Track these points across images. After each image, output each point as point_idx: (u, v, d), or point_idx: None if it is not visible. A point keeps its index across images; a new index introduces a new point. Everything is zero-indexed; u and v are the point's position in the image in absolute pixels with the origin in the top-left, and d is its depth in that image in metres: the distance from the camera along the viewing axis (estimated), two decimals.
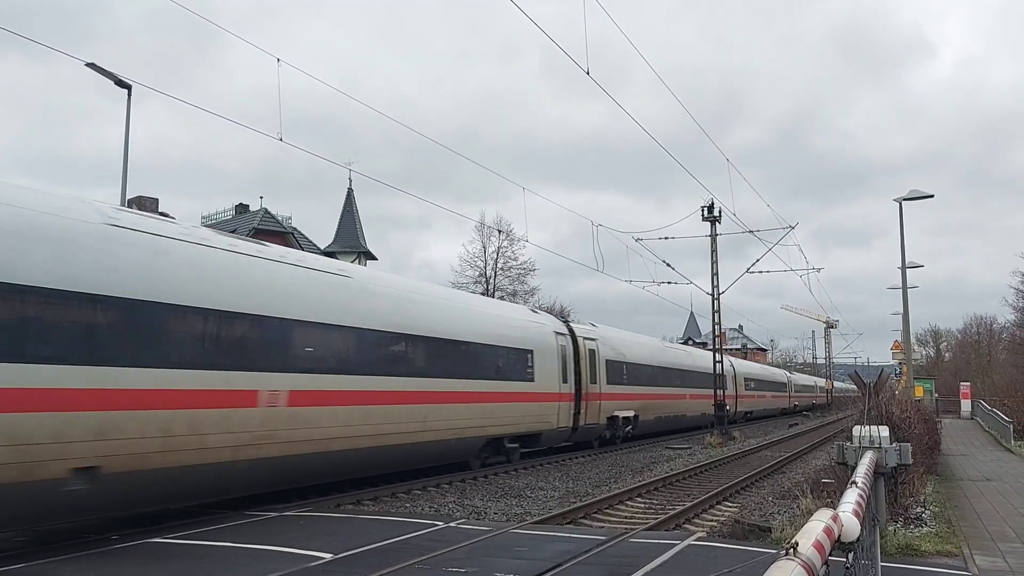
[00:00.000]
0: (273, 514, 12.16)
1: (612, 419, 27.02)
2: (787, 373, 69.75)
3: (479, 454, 19.30)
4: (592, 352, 25.96)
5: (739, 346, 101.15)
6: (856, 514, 4.49)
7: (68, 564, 8.73)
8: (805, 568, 2.89)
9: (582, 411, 24.56)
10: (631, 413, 28.70)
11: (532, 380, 21.15)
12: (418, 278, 20.04)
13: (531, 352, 21.39)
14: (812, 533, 3.45)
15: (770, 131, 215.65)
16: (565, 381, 23.42)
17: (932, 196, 26.19)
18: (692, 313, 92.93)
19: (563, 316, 27.49)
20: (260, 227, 37.82)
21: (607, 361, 27.04)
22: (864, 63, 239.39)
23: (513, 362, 20.46)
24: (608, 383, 26.66)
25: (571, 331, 25.23)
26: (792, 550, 3.01)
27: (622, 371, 28.53)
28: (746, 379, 48.27)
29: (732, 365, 44.22)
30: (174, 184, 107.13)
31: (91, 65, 17.86)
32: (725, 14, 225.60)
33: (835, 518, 4.03)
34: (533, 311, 25.63)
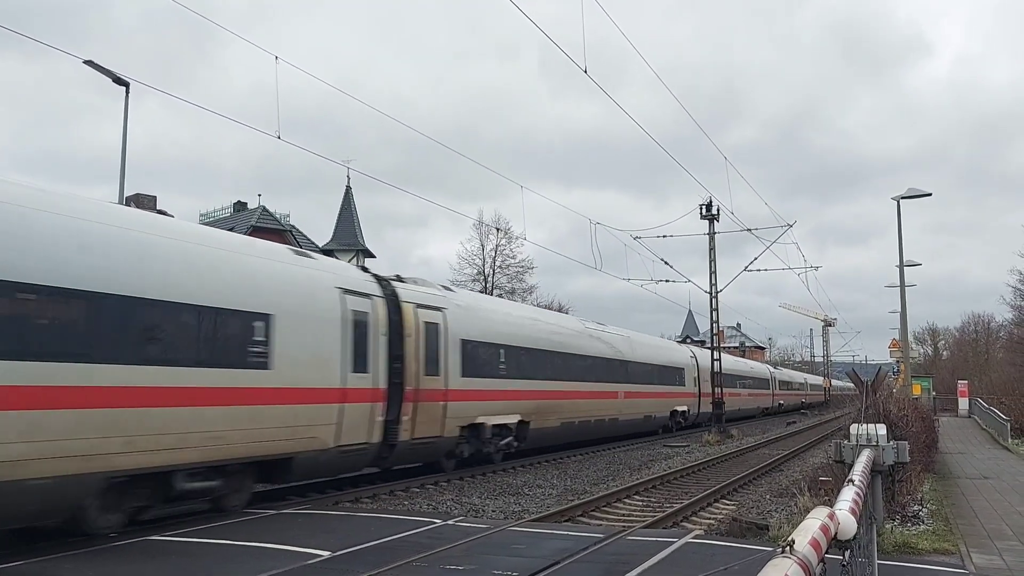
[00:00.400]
0: (271, 511, 12.17)
1: (474, 428, 19.02)
2: (770, 368, 63.75)
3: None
4: (433, 327, 17.57)
5: (737, 344, 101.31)
6: (853, 512, 4.52)
7: (66, 562, 8.74)
8: (801, 566, 2.91)
9: (406, 417, 16.24)
10: (513, 419, 20.67)
11: (266, 367, 12.42)
12: (417, 275, 18.63)
13: (269, 318, 12.53)
14: (808, 531, 3.46)
15: (768, 130, 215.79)
16: (362, 370, 14.79)
17: (930, 195, 26.24)
18: (690, 311, 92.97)
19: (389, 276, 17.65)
20: (258, 225, 37.77)
21: (463, 341, 18.77)
22: (862, 62, 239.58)
23: (228, 335, 11.95)
24: (464, 374, 18.60)
25: (391, 293, 16.52)
26: (788, 548, 3.03)
27: (495, 357, 20.48)
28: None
29: (694, 357, 39.02)
30: (172, 182, 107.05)
31: (89, 63, 17.84)
32: (723, 13, 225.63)
33: (832, 516, 4.05)
34: (295, 251, 15.33)
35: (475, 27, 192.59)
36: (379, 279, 16.42)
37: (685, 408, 36.59)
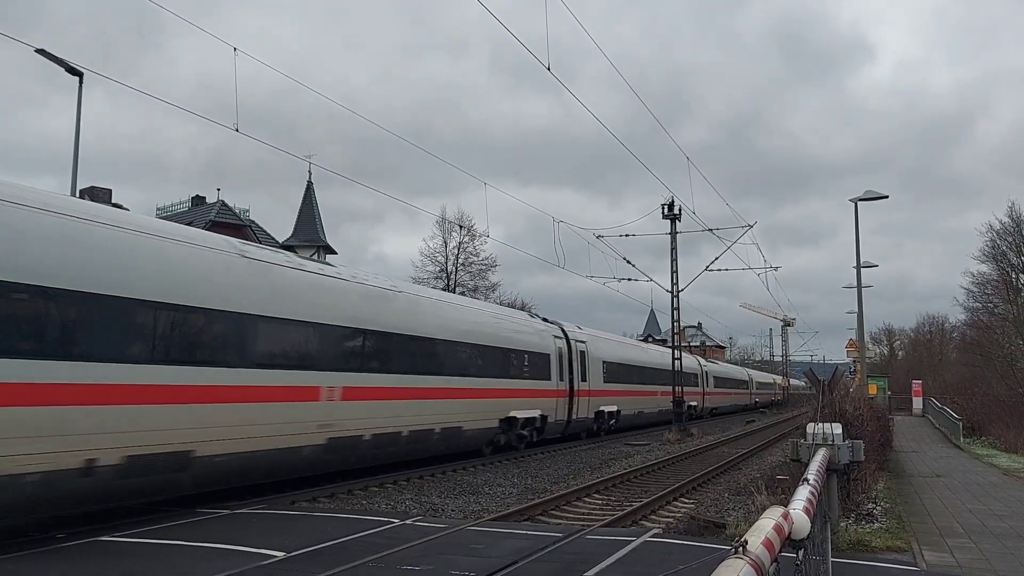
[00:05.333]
0: (226, 512, 11.96)
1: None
2: (699, 359, 53.02)
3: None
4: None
5: (698, 343, 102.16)
6: (807, 511, 4.51)
7: (10, 563, 8.49)
8: (754, 566, 2.88)
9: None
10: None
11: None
12: (373, 272, 19.20)
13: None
14: (762, 531, 3.44)
15: (716, 131, 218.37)
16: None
17: (887, 197, 26.64)
18: (652, 310, 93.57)
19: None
20: (217, 220, 37.24)
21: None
22: (805, 65, 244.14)
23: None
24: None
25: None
26: (742, 548, 3.00)
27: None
28: (607, 363, 31.61)
29: (586, 348, 29.87)
30: (120, 174, 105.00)
31: (41, 51, 17.38)
32: (666, 13, 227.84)
33: (786, 515, 4.04)
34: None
35: (423, 21, 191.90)
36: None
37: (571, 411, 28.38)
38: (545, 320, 28.63)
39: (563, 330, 28.09)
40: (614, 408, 31.84)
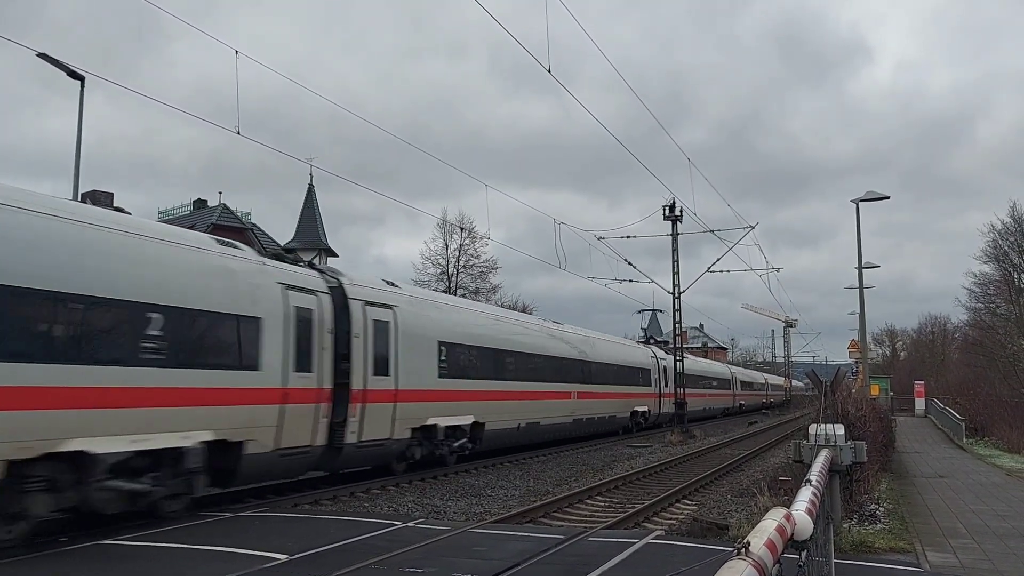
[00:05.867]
0: (228, 514, 11.96)
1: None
2: (655, 350, 41.04)
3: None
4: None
5: (700, 344, 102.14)
6: (809, 512, 4.51)
7: (16, 568, 8.50)
8: (756, 568, 2.88)
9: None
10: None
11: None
12: (374, 274, 18.68)
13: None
14: (765, 532, 3.44)
15: (715, 133, 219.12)
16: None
17: (888, 197, 26.60)
18: (654, 312, 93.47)
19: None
20: (219, 223, 37.25)
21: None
22: (804, 67, 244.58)
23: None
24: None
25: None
26: (744, 550, 3.00)
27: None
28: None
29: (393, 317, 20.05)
30: (121, 177, 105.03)
31: (43, 55, 17.41)
32: (666, 15, 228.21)
33: (788, 517, 4.04)
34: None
35: (422, 24, 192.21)
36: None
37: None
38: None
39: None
40: (459, 420, 20.18)
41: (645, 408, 36.69)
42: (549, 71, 16.03)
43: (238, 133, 15.33)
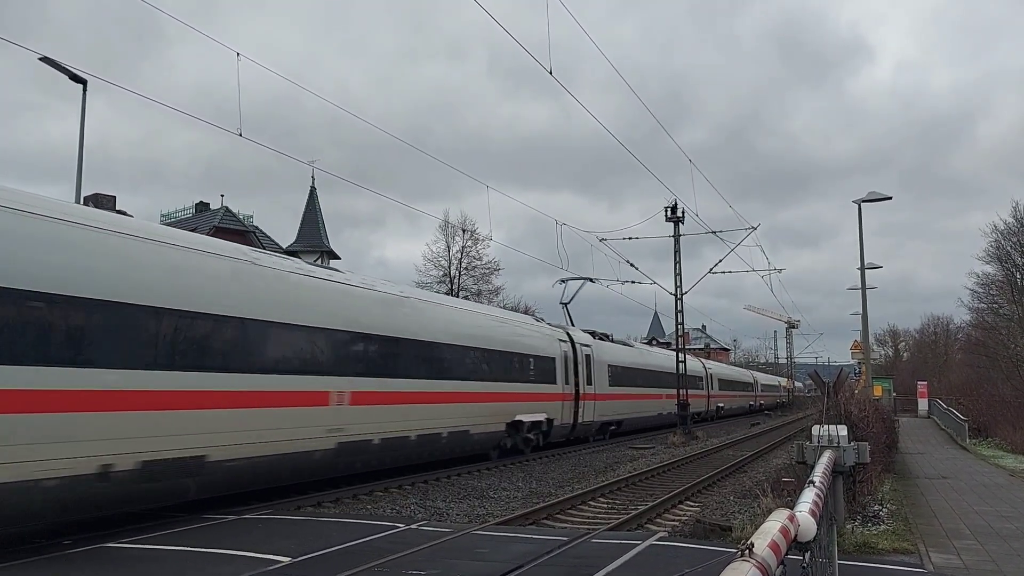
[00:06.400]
0: (231, 517, 11.96)
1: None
2: (566, 334, 31.19)
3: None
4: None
5: (702, 346, 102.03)
6: (813, 513, 4.51)
7: (20, 570, 8.50)
8: (760, 569, 2.87)
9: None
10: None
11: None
12: (375, 277, 19.41)
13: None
14: (768, 533, 3.44)
15: (715, 133, 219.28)
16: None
17: (890, 198, 26.58)
18: (656, 313, 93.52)
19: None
20: (221, 225, 37.32)
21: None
22: (804, 67, 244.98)
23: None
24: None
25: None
26: (748, 551, 3.00)
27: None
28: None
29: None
30: (121, 181, 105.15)
31: (45, 59, 17.44)
32: (665, 16, 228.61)
33: (792, 518, 4.03)
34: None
35: (422, 26, 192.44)
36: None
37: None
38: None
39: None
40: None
41: (541, 416, 24.28)
42: (551, 72, 16.04)
43: (240, 135, 15.34)
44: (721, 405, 53.13)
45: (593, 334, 31.49)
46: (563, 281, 34.39)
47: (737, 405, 60.49)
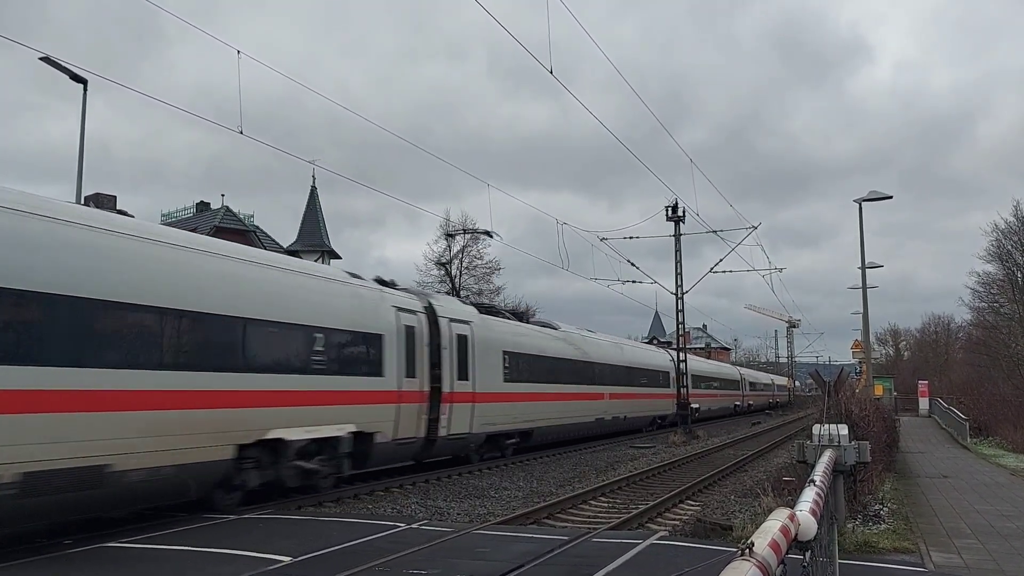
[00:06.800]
0: (232, 516, 11.97)
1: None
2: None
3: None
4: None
5: (703, 345, 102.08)
6: (813, 513, 4.50)
7: (20, 570, 8.51)
8: (760, 568, 2.87)
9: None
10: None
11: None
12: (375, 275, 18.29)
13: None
14: (768, 533, 3.44)
15: (715, 133, 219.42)
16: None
17: (891, 197, 26.58)
18: (657, 312, 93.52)
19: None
20: (221, 225, 37.33)
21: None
22: (804, 67, 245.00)
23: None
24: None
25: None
26: (748, 550, 3.00)
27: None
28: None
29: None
30: (121, 181, 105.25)
31: (46, 59, 17.44)
32: (665, 16, 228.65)
33: (792, 517, 4.03)
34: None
35: (422, 26, 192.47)
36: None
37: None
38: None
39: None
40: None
41: (336, 430, 23.25)
42: (551, 72, 16.03)
43: (241, 132, 15.33)
44: (696, 406, 41.77)
45: (480, 307, 23.56)
46: (449, 235, 33.04)
47: (719, 407, 53.13)
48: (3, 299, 9.26)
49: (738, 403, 60.73)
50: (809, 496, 5.02)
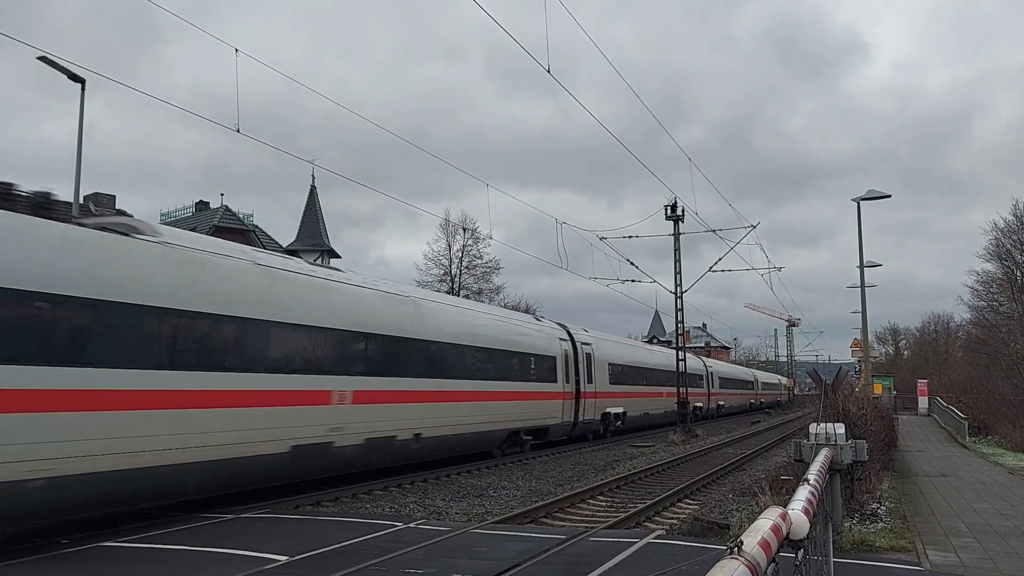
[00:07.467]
0: (229, 516, 11.97)
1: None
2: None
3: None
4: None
5: (703, 344, 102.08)
6: (806, 511, 4.51)
7: (17, 570, 8.51)
8: (749, 567, 2.88)
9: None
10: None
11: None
12: (377, 276, 19.53)
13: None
14: (759, 531, 3.45)
15: (713, 132, 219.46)
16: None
17: (889, 196, 26.58)
18: (657, 311, 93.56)
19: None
20: (221, 224, 37.33)
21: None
22: (801, 66, 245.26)
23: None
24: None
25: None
26: (737, 549, 3.00)
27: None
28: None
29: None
30: (120, 181, 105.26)
31: (43, 58, 17.42)
32: (661, 15, 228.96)
33: (784, 516, 4.04)
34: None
35: (419, 26, 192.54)
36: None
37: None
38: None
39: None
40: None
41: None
42: (548, 71, 16.04)
43: (238, 131, 15.33)
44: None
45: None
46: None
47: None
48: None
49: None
50: (802, 495, 5.04)
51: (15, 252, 9.33)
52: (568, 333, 27.95)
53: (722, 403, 53.78)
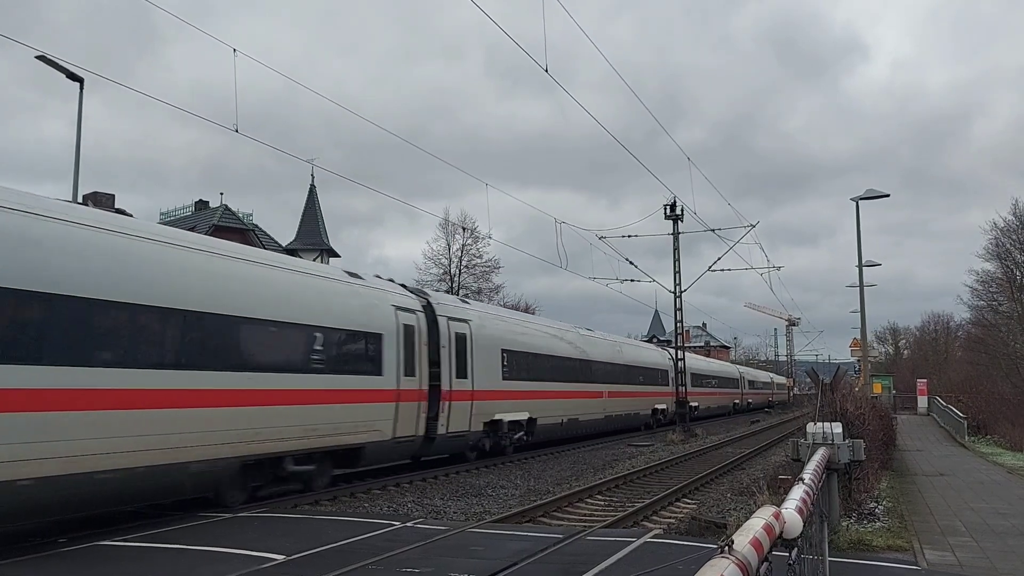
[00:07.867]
0: (227, 515, 11.98)
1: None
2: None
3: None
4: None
5: (703, 343, 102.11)
6: (800, 511, 4.51)
7: (14, 569, 8.52)
8: (739, 566, 2.88)
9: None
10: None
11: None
12: (377, 273, 18.49)
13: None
14: (751, 530, 3.45)
15: (712, 133, 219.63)
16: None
17: (888, 195, 26.61)
18: (656, 311, 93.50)
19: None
20: (220, 224, 37.29)
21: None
22: (800, 66, 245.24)
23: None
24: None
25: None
26: (728, 548, 3.01)
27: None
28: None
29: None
30: (119, 180, 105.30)
31: (41, 58, 17.42)
32: (660, 16, 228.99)
33: (777, 515, 4.04)
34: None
35: (418, 26, 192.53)
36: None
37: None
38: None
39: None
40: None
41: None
42: (547, 70, 16.03)
43: (236, 131, 15.32)
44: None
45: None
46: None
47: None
48: None
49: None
50: (797, 494, 5.04)
51: None
52: (428, 302, 19.48)
53: (695, 404, 42.31)
